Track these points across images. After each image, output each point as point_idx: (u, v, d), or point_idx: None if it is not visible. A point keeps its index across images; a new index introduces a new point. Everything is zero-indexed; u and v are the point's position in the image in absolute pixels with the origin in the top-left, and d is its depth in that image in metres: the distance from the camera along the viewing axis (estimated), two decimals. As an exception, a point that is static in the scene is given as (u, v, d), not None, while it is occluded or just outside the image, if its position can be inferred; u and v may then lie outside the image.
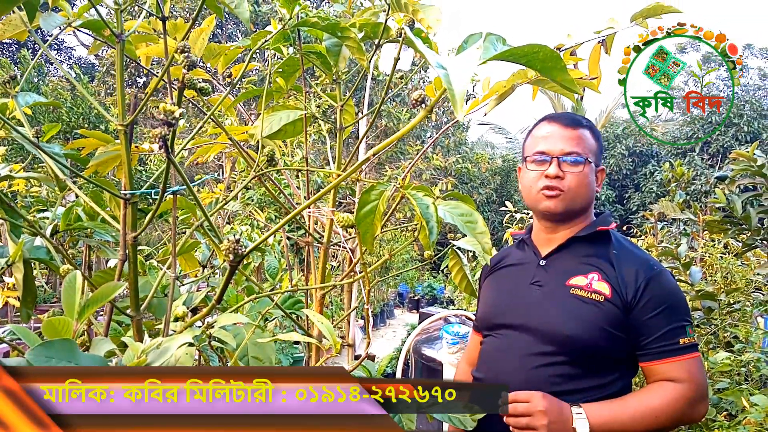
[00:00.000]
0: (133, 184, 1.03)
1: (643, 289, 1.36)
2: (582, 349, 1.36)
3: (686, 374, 1.32)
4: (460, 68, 0.53)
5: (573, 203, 1.45)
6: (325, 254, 1.44)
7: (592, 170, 1.46)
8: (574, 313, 1.38)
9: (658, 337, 1.34)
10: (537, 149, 1.47)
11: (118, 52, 0.97)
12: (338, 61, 1.25)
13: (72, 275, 0.86)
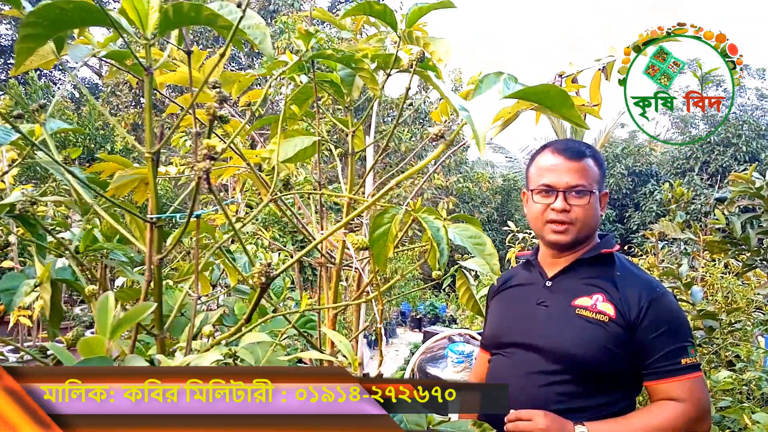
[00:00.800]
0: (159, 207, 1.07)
1: (645, 311, 1.41)
2: (586, 368, 1.40)
3: (688, 393, 1.36)
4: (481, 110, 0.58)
5: (580, 234, 1.51)
6: (337, 275, 1.49)
7: (596, 199, 1.51)
8: (579, 333, 1.42)
9: (660, 357, 1.39)
10: (542, 182, 1.52)
11: (146, 85, 1.02)
12: (352, 90, 1.31)
13: (105, 296, 0.90)
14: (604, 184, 1.56)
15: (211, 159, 0.68)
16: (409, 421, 1.41)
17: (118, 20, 1.01)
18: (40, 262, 1.21)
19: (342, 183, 1.62)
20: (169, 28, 0.98)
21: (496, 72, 0.71)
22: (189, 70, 1.07)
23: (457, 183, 13.34)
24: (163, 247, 1.10)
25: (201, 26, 1.40)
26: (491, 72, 0.71)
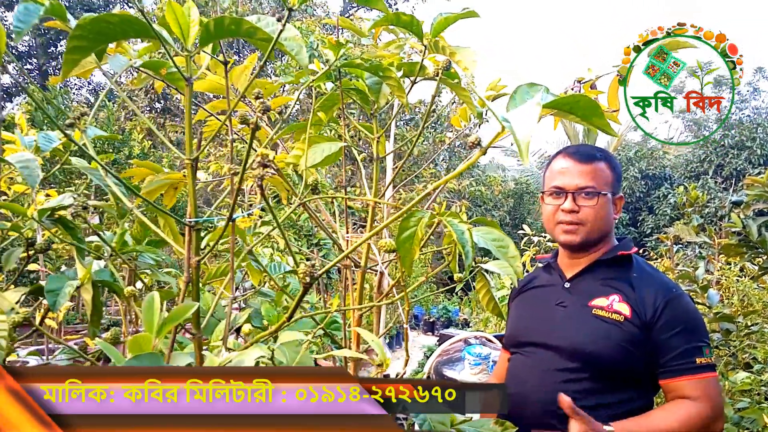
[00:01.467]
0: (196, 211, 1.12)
1: (661, 310, 1.44)
2: (603, 366, 1.44)
3: (702, 392, 1.39)
4: (523, 120, 0.62)
5: (590, 234, 1.55)
6: (362, 277, 1.53)
7: (608, 201, 1.55)
8: (596, 332, 1.46)
9: (675, 356, 1.42)
10: (553, 184, 1.58)
11: (186, 95, 1.07)
12: (379, 98, 1.35)
13: (150, 296, 0.95)
14: (619, 187, 1.60)
15: (265, 166, 0.72)
16: (433, 419, 1.45)
17: (160, 32, 1.06)
18: (81, 263, 1.26)
19: (366, 187, 1.66)
20: (210, 40, 1.02)
21: (528, 83, 0.75)
22: (226, 81, 1.12)
23: (470, 186, 13.36)
24: (200, 249, 1.14)
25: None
26: (524, 83, 0.75)
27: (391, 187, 2.32)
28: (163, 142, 1.27)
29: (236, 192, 0.97)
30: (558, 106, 0.71)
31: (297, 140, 1.68)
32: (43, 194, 2.52)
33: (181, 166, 9.97)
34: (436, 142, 11.97)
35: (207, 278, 1.86)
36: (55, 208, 1.31)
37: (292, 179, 1.64)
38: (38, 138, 1.34)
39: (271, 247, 5.13)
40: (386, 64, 1.31)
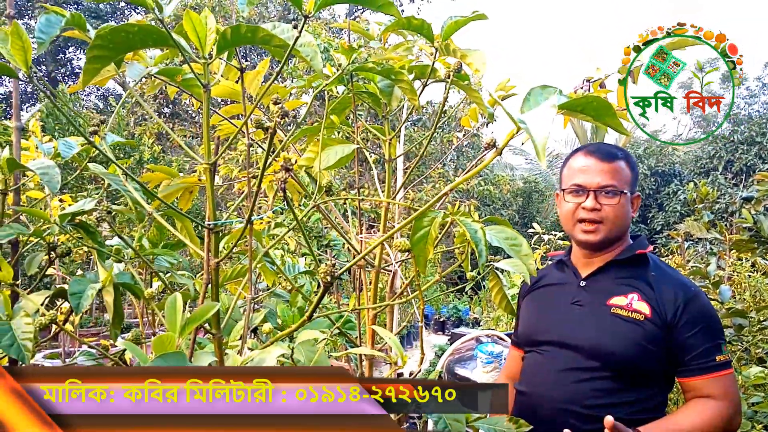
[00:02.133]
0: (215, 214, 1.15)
1: (682, 310, 1.45)
2: (623, 365, 1.45)
3: (723, 390, 1.41)
4: (539, 122, 0.64)
5: (610, 233, 1.55)
6: (376, 277, 1.55)
7: (627, 200, 1.55)
8: (616, 331, 1.47)
9: (696, 355, 1.43)
10: (574, 182, 1.57)
11: (205, 101, 1.10)
12: (391, 100, 1.38)
13: (173, 297, 0.98)
14: (636, 186, 1.60)
15: (287, 170, 0.74)
16: (448, 417, 1.47)
17: (178, 41, 1.09)
18: (102, 266, 1.29)
19: (378, 186, 1.68)
20: (226, 47, 1.05)
21: (542, 86, 0.77)
22: (242, 87, 1.14)
23: (478, 186, 13.36)
24: (218, 251, 1.17)
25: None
26: (537, 86, 0.77)
27: (403, 190, 2.34)
28: (173, 146, 1.31)
29: (255, 196, 0.99)
30: (571, 107, 0.73)
31: (309, 143, 1.71)
32: (57, 200, 2.56)
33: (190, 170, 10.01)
34: (444, 142, 11.98)
35: (223, 280, 1.89)
36: (76, 213, 1.34)
37: (304, 182, 1.66)
38: (59, 145, 1.37)
39: (282, 249, 5.17)
40: (397, 67, 1.33)
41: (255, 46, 14.37)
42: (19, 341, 1.10)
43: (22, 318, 1.14)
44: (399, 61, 1.53)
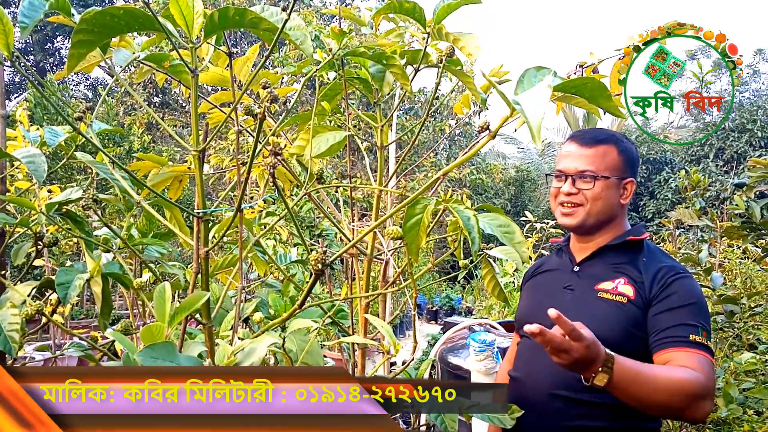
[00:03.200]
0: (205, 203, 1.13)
1: (664, 288, 1.44)
2: (607, 348, 1.44)
3: (698, 365, 1.32)
4: (533, 103, 0.63)
5: (587, 217, 1.55)
6: (369, 266, 1.54)
7: (610, 185, 1.54)
8: (600, 315, 1.47)
9: (669, 328, 1.38)
10: (558, 167, 1.60)
11: (192, 86, 1.08)
12: (383, 85, 1.36)
13: (161, 286, 0.96)
14: (630, 172, 1.58)
15: (276, 155, 0.73)
16: (446, 415, 1.46)
17: (165, 25, 1.06)
18: (90, 256, 1.27)
19: (370, 174, 1.67)
20: (214, 31, 1.03)
21: (536, 67, 0.75)
22: (231, 72, 1.12)
23: (470, 175, 13.36)
24: (208, 240, 1.15)
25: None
26: (531, 67, 0.76)
27: (395, 178, 2.32)
28: (163, 136, 1.28)
29: (244, 183, 0.97)
30: (566, 89, 0.71)
31: (300, 131, 1.69)
32: (45, 190, 2.53)
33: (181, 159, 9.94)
34: (436, 131, 11.96)
35: (214, 269, 1.87)
36: (63, 202, 1.32)
37: (295, 170, 1.64)
38: (44, 133, 1.34)
39: (274, 239, 5.15)
40: (389, 52, 1.31)
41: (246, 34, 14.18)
42: (6, 333, 1.09)
43: (8, 309, 1.12)
44: (390, 47, 1.51)
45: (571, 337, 1.23)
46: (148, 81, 11.90)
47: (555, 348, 1.22)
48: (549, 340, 1.21)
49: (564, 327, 1.23)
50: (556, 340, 1.22)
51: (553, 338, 1.21)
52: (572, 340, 1.23)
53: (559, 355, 1.23)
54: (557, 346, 1.22)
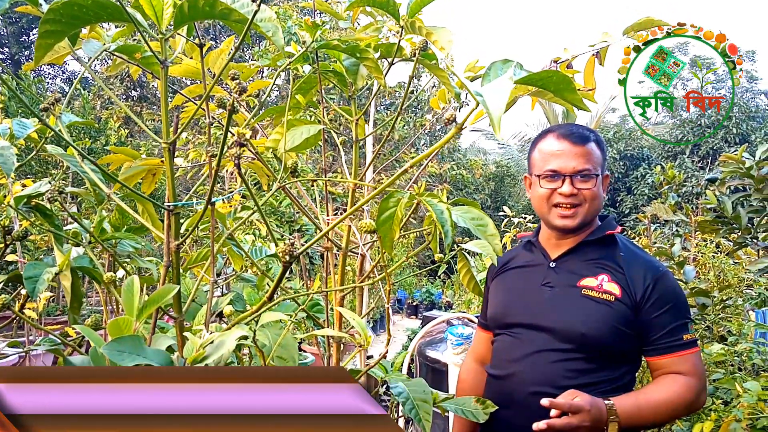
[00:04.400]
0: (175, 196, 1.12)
1: (651, 290, 1.46)
2: (596, 346, 1.46)
3: (691, 367, 1.44)
4: (495, 94, 0.63)
5: (586, 216, 1.55)
6: (344, 259, 1.53)
7: (601, 182, 1.56)
8: (588, 313, 1.47)
9: (664, 334, 1.45)
10: (549, 167, 1.55)
11: (162, 77, 1.07)
12: (357, 79, 1.35)
13: (130, 279, 0.95)
14: (605, 166, 1.60)
15: (242, 146, 0.72)
16: (415, 397, 1.47)
17: (134, 15, 1.05)
18: (59, 250, 1.26)
19: (346, 170, 1.67)
20: (184, 22, 1.02)
21: (502, 60, 0.76)
22: (202, 64, 1.11)
23: (451, 170, 13.40)
24: (179, 233, 1.14)
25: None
26: (498, 60, 0.76)
27: (371, 170, 2.32)
28: (141, 131, 1.27)
29: (215, 175, 0.97)
30: (531, 82, 0.72)
31: (275, 125, 1.68)
32: (19, 184, 2.48)
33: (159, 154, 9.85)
34: (416, 126, 11.97)
35: (188, 263, 1.86)
36: (32, 195, 1.30)
37: (273, 165, 1.63)
38: (12, 125, 1.32)
39: (253, 234, 5.13)
40: (363, 45, 1.30)
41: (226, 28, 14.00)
42: (-28, 327, 1.07)
43: (-27, 303, 1.10)
44: (367, 41, 1.51)
45: (572, 412, 1.32)
46: (126, 74, 11.76)
47: (566, 423, 1.31)
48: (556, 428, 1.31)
49: (561, 408, 1.32)
50: (559, 425, 1.31)
51: (555, 424, 1.31)
52: (573, 413, 1.31)
53: (576, 422, 1.31)
54: (565, 428, 1.31)
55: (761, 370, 2.35)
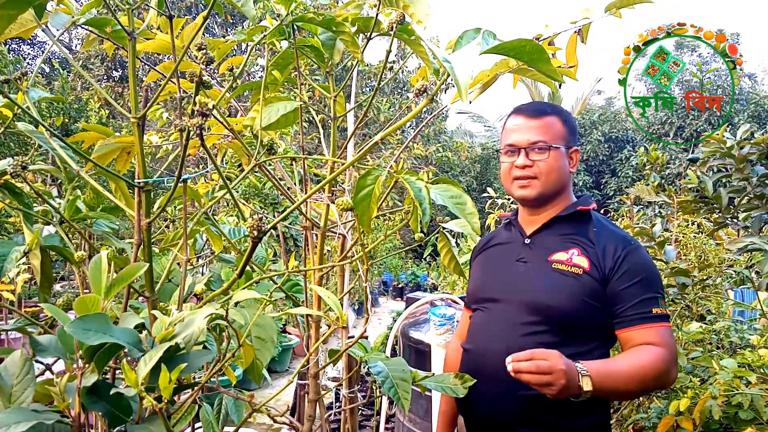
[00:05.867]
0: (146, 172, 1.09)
1: (620, 262, 1.46)
2: (562, 319, 1.46)
3: (660, 339, 1.41)
4: (463, 62, 0.61)
5: (545, 188, 1.56)
6: (322, 238, 1.52)
7: (561, 155, 1.56)
8: (555, 286, 1.48)
9: (632, 306, 1.44)
10: (507, 142, 1.60)
11: (130, 50, 1.03)
12: (333, 54, 1.33)
13: (98, 257, 0.93)
14: (574, 141, 1.61)
15: (203, 116, 0.70)
16: (394, 376, 1.46)
17: (99, -15, 1.01)
18: (29, 229, 1.23)
19: (325, 148, 1.64)
20: (151, -8, 0.98)
21: (475, 28, 0.74)
22: (171, 35, 1.08)
23: (437, 152, 13.38)
24: (151, 211, 1.12)
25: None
26: (470, 29, 0.74)
27: (352, 150, 2.29)
28: (121, 112, 1.23)
29: (184, 150, 0.94)
30: (503, 51, 0.70)
31: (253, 102, 1.64)
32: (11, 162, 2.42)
33: (142, 136, 9.71)
34: (402, 107, 11.91)
35: (165, 243, 1.83)
36: (0, 172, 1.26)
37: (255, 146, 1.61)
38: (-22, 101, 1.28)
39: (237, 216, 5.09)
40: (340, 19, 1.27)
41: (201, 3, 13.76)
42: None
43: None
44: (345, 16, 1.47)
45: (536, 358, 1.29)
46: (106, 54, 11.55)
47: (539, 379, 1.28)
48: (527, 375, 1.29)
49: (522, 357, 1.30)
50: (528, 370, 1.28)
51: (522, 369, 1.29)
52: (540, 359, 1.29)
53: (549, 379, 1.28)
54: (536, 371, 1.28)
55: (738, 347, 2.38)
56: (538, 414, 1.44)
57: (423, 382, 1.55)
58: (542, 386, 1.29)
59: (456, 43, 0.73)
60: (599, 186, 17.92)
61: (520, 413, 1.46)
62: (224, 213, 5.22)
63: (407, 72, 12.84)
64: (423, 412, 3.26)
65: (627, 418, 2.36)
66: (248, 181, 5.64)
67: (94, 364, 0.84)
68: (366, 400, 1.68)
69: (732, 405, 1.79)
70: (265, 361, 1.26)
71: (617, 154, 17.71)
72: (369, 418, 4.31)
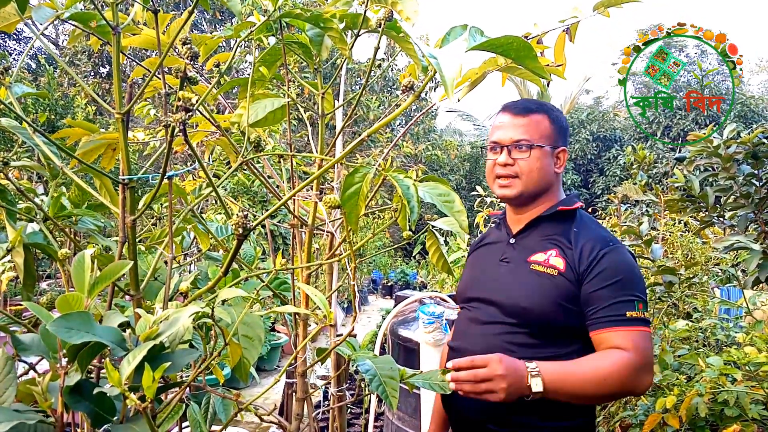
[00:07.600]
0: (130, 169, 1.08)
1: (595, 263, 1.42)
2: (537, 320, 1.44)
3: (631, 344, 1.34)
4: (449, 58, 0.61)
5: (525, 187, 1.54)
6: (310, 236, 1.51)
7: (545, 154, 1.53)
8: (531, 287, 1.47)
9: (605, 307, 1.39)
10: (492, 139, 1.59)
11: (114, 44, 1.02)
12: (321, 50, 1.32)
13: (81, 255, 0.91)
14: (562, 140, 1.58)
15: (186, 111, 0.69)
16: (382, 374, 1.46)
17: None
18: (12, 226, 1.21)
19: (313, 146, 1.63)
20: (136, -14, 0.97)
21: (462, 25, 0.73)
22: (156, 30, 1.06)
23: (426, 151, 13.39)
24: (136, 209, 1.10)
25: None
26: (457, 25, 0.74)
27: (341, 147, 2.28)
28: (107, 109, 1.22)
29: (169, 146, 0.93)
30: (490, 47, 0.69)
31: (240, 99, 1.63)
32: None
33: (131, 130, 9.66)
34: (391, 105, 11.91)
35: (151, 240, 1.81)
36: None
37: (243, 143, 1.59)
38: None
39: (225, 214, 5.06)
40: (328, 15, 1.27)
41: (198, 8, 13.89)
42: None
43: None
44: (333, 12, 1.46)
45: (476, 366, 1.30)
46: (93, 50, 11.45)
47: (477, 388, 1.29)
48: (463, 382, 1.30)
49: (461, 366, 1.31)
50: (466, 379, 1.30)
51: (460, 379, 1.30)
52: (479, 366, 1.30)
53: (488, 386, 1.28)
54: (474, 380, 1.29)
55: (724, 345, 2.40)
56: (515, 415, 1.42)
57: (410, 379, 1.54)
58: (482, 394, 1.28)
59: (443, 39, 0.73)
60: (587, 185, 18.01)
61: (497, 414, 1.44)
62: (212, 211, 5.19)
63: (397, 70, 12.84)
64: (412, 410, 3.26)
65: (614, 416, 2.38)
66: (237, 179, 5.61)
67: (77, 363, 0.83)
68: (354, 398, 1.68)
69: (718, 402, 1.81)
70: (252, 360, 1.25)
71: (605, 153, 17.81)
72: (358, 416, 4.31)
